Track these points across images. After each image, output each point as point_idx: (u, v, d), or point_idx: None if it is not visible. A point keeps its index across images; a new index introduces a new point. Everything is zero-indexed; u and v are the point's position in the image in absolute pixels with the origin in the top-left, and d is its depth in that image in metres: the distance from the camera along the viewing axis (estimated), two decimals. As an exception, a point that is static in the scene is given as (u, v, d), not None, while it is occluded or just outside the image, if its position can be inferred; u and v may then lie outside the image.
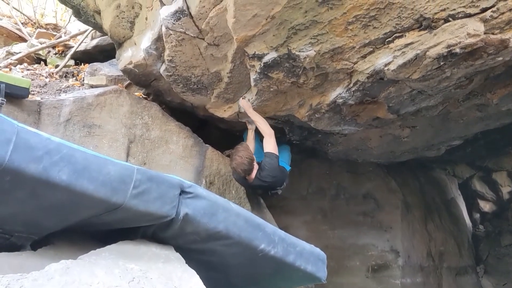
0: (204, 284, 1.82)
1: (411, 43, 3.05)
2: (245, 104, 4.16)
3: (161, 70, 4.00)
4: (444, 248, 7.48)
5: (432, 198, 7.83)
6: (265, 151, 4.21)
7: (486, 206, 9.68)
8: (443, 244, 7.50)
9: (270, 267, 2.48)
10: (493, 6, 2.72)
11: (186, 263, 1.96)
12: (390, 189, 6.99)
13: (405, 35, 3.05)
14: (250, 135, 4.67)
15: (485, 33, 2.86)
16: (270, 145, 4.20)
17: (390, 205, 6.81)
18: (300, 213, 6.55)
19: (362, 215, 6.77)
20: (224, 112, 4.47)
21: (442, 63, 3.15)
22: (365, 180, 6.95)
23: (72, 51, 5.78)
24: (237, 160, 4.10)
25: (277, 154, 4.20)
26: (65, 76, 5.15)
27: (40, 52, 6.01)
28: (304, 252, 2.60)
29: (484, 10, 2.76)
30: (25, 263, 1.66)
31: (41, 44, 6.12)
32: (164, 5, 3.37)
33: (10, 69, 5.05)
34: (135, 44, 4.17)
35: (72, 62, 5.70)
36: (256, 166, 4.18)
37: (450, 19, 2.85)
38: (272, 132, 4.25)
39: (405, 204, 7.00)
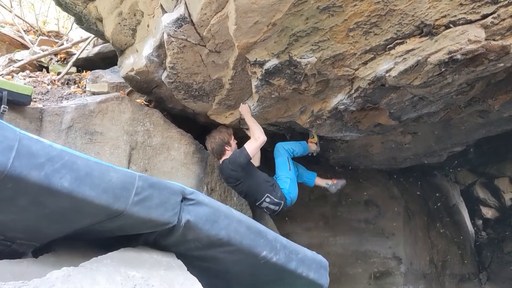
0: (206, 291, 1.82)
1: (412, 49, 3.06)
2: (244, 109, 4.16)
3: (163, 77, 4.02)
4: (446, 255, 7.45)
5: (434, 205, 7.81)
6: (247, 149, 4.07)
7: (488, 213, 9.65)
8: (445, 251, 7.47)
9: (272, 274, 2.47)
10: (494, 12, 2.73)
11: (187, 270, 1.95)
12: (392, 196, 6.98)
13: (406, 42, 3.06)
14: None
15: (486, 39, 2.86)
16: (249, 144, 4.10)
17: (392, 212, 6.80)
18: (302, 220, 6.54)
19: (364, 222, 6.75)
20: (226, 119, 4.47)
21: (443, 69, 3.15)
22: (367, 187, 6.93)
23: (74, 58, 5.80)
24: (209, 141, 4.30)
25: (248, 154, 4.03)
26: (67, 83, 5.16)
27: (42, 59, 6.02)
28: (306, 259, 2.59)
29: (485, 16, 2.77)
30: (26, 271, 1.66)
31: (43, 51, 6.14)
32: (166, 12, 3.38)
33: (12, 76, 5.06)
34: (137, 51, 4.18)
35: (74, 69, 5.71)
36: (228, 153, 4.24)
37: (451, 25, 2.85)
38: (261, 139, 4.09)
39: (407, 211, 6.98)
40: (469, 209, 9.27)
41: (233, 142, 4.35)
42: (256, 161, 4.56)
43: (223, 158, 4.26)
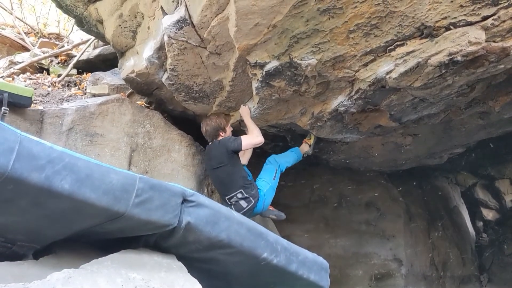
0: (206, 293, 1.82)
1: (413, 51, 3.06)
2: (244, 111, 4.16)
3: (163, 79, 4.02)
4: (447, 256, 7.44)
5: (435, 207, 7.80)
6: (243, 138, 4.10)
7: (489, 214, 9.65)
8: (446, 252, 7.46)
9: (273, 276, 2.47)
10: (494, 14, 2.73)
11: (188, 272, 1.95)
12: (393, 198, 6.98)
13: (407, 43, 3.06)
14: None
15: (486, 41, 2.86)
16: (246, 137, 4.13)
17: (393, 214, 6.79)
18: (302, 221, 6.53)
19: (364, 224, 6.74)
20: (226, 121, 4.48)
21: (443, 71, 3.15)
22: (368, 189, 6.93)
23: (74, 60, 5.80)
24: (205, 123, 4.27)
25: (241, 144, 4.04)
26: (68, 85, 5.17)
27: (43, 61, 6.02)
28: (306, 261, 2.59)
29: (485, 18, 2.77)
30: (27, 272, 1.66)
31: (44, 53, 6.14)
32: (166, 14, 3.39)
33: (13, 79, 5.06)
34: (137, 53, 4.18)
35: (74, 71, 5.71)
36: (221, 135, 4.21)
37: (451, 27, 2.86)
38: (258, 139, 4.12)
39: (407, 213, 6.98)
40: (469, 211, 9.26)
41: (229, 129, 4.33)
42: (244, 160, 4.54)
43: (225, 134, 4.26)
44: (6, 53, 6.81)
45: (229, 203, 4.18)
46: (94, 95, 4.63)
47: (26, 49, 6.90)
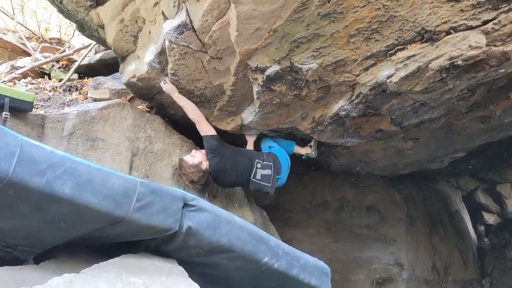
0: (207, 298, 1.81)
1: (413, 55, 3.06)
2: (169, 87, 4.00)
3: (164, 84, 4.02)
4: (449, 261, 7.42)
5: (436, 211, 7.79)
6: (202, 135, 4.12)
7: (490, 219, 9.61)
8: (448, 257, 7.44)
9: (274, 280, 2.47)
10: (494, 18, 2.73)
11: (189, 276, 1.95)
12: (394, 202, 6.97)
13: (407, 48, 3.06)
14: (250, 147, 4.68)
15: (487, 45, 2.86)
16: (202, 128, 4.13)
17: (394, 218, 6.79)
18: (303, 226, 6.53)
19: (366, 228, 6.73)
20: (227, 125, 4.48)
21: (444, 75, 3.15)
22: (369, 193, 6.93)
23: (75, 65, 5.81)
24: (187, 177, 4.09)
25: (209, 135, 4.08)
26: (69, 90, 5.18)
27: (44, 66, 6.04)
28: (308, 266, 2.58)
29: (485, 22, 2.77)
30: (27, 277, 1.66)
31: (45, 58, 6.16)
32: (167, 19, 3.40)
33: (14, 83, 5.07)
34: (139, 57, 4.19)
35: (75, 76, 5.73)
36: (207, 164, 4.09)
37: (452, 31, 2.86)
38: (200, 116, 4.13)
39: (409, 217, 6.97)
40: (471, 215, 9.24)
41: (199, 155, 4.17)
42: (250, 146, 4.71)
43: (207, 167, 4.11)
44: (8, 58, 6.84)
45: (255, 181, 4.21)
46: (95, 100, 4.63)
47: (27, 54, 6.93)
